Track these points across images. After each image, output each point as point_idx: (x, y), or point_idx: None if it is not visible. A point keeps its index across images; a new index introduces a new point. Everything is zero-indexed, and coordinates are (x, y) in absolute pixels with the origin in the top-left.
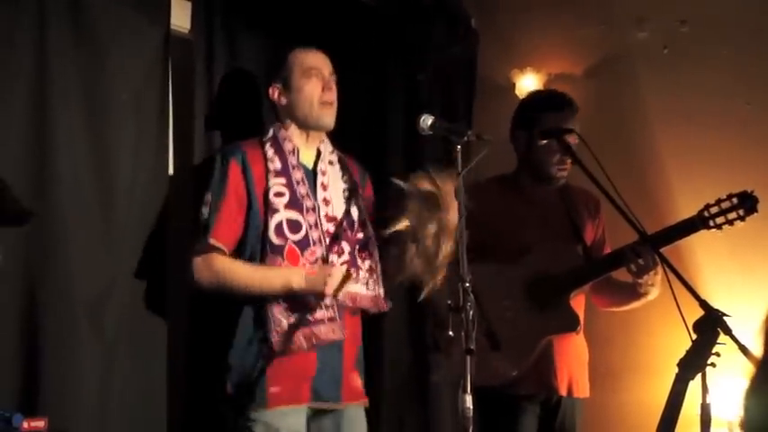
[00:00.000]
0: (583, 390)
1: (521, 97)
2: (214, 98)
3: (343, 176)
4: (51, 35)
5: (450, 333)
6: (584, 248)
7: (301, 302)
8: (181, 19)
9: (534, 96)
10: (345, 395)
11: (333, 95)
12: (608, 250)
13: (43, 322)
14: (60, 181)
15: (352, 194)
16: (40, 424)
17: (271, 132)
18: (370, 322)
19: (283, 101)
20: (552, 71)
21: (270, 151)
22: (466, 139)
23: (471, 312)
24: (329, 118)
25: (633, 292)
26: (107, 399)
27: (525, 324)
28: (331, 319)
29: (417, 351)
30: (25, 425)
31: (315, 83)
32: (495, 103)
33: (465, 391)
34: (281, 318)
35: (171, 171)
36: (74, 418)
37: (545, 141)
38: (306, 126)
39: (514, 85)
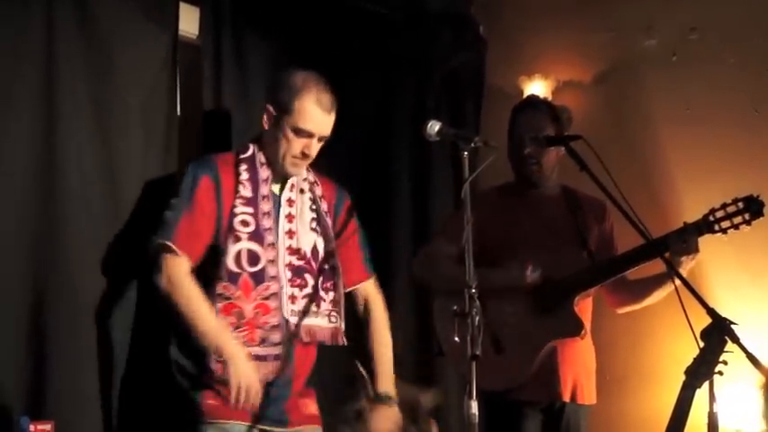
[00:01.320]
0: (588, 396)
1: None
2: (222, 104)
3: (312, 205)
4: (60, 41)
5: (456, 339)
6: (588, 253)
7: (247, 335)
8: (189, 24)
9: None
10: (294, 419)
11: (311, 153)
12: (617, 253)
13: (50, 326)
14: (68, 186)
15: (319, 224)
16: (47, 427)
17: (249, 152)
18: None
19: (267, 127)
20: (560, 78)
21: (244, 174)
22: (473, 145)
23: (477, 318)
24: (297, 170)
25: (657, 282)
26: (112, 403)
27: (529, 329)
28: (277, 357)
29: (423, 354)
30: (32, 428)
31: (299, 143)
32: (503, 110)
33: (470, 397)
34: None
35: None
36: (79, 422)
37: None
38: (273, 164)
39: (522, 92)
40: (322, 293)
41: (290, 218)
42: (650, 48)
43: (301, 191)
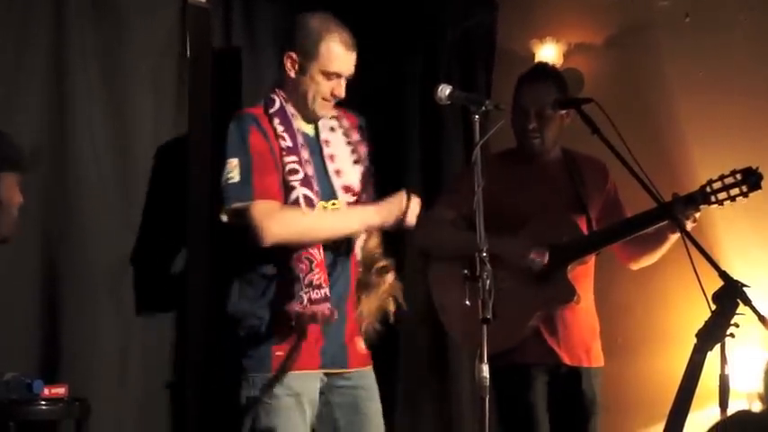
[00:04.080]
0: (595, 359)
1: None
2: (231, 66)
3: (346, 139)
4: (69, 6)
5: (467, 302)
6: (587, 219)
7: (319, 277)
8: None
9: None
10: (352, 360)
11: (340, 94)
12: (627, 212)
13: (63, 292)
14: (80, 153)
15: (357, 155)
16: (61, 390)
17: (277, 104)
18: None
19: (293, 75)
20: (572, 41)
21: (279, 127)
22: (484, 108)
23: (488, 282)
24: (326, 111)
25: (661, 237)
26: (125, 368)
27: (521, 295)
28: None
29: (435, 321)
30: (46, 391)
31: (328, 85)
32: (514, 73)
33: (481, 361)
34: (302, 295)
35: (189, 139)
36: (93, 386)
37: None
38: (302, 110)
39: (534, 55)
40: None
41: (332, 158)
42: (663, 9)
43: (332, 129)
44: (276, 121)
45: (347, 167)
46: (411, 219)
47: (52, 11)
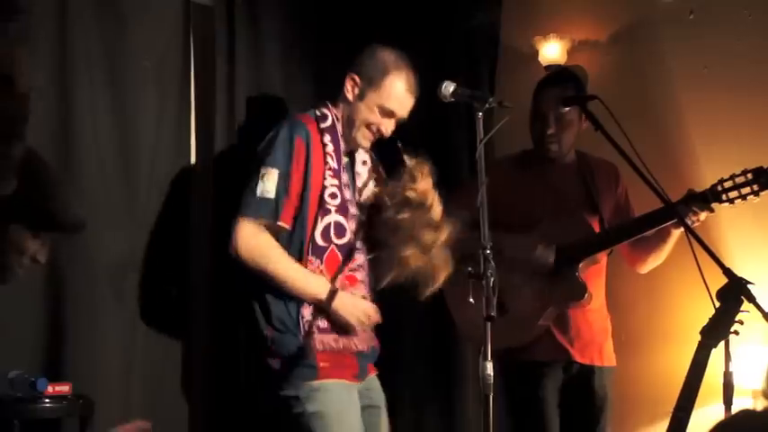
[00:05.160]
0: (607, 358)
1: (544, 64)
2: (235, 66)
3: (373, 174)
4: (72, 4)
5: (471, 300)
6: (600, 219)
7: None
8: None
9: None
10: (369, 368)
11: (387, 133)
12: (633, 215)
13: (67, 290)
14: (83, 151)
15: (380, 185)
16: (65, 388)
17: (329, 121)
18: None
19: (350, 97)
20: (576, 38)
21: (330, 146)
22: (488, 105)
23: (492, 279)
24: (365, 143)
25: (665, 235)
26: (129, 365)
27: (532, 293)
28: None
29: (437, 318)
30: (50, 389)
31: (380, 119)
32: (518, 70)
33: (486, 358)
34: (318, 321)
35: (193, 138)
36: (97, 384)
37: (565, 110)
38: (346, 135)
39: (538, 52)
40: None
41: (360, 192)
42: (667, 6)
43: (363, 162)
44: (327, 137)
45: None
46: (355, 328)
47: (55, 10)
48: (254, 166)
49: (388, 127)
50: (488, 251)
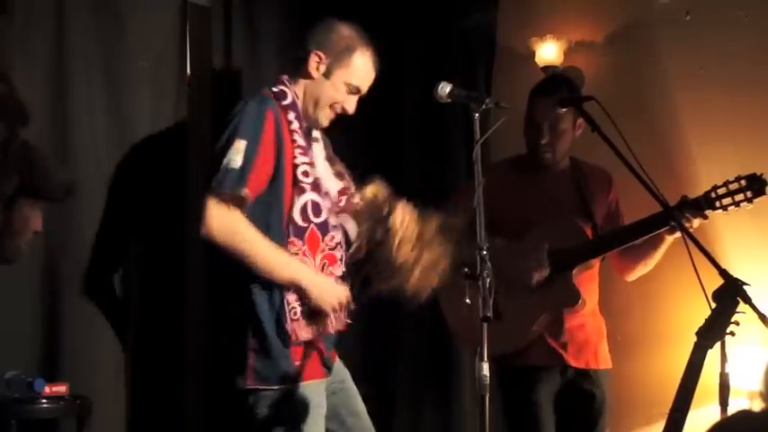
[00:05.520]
0: (603, 361)
1: (541, 65)
2: (231, 66)
3: (325, 153)
4: (69, 3)
5: (467, 300)
6: (593, 225)
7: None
8: None
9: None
10: (335, 360)
11: (351, 110)
12: (623, 223)
13: (63, 291)
14: (79, 148)
15: (332, 164)
16: (62, 389)
17: (290, 98)
18: None
19: (315, 74)
20: (572, 38)
21: (294, 122)
22: (484, 106)
23: (489, 280)
24: (325, 122)
25: (656, 241)
26: (125, 365)
27: (527, 298)
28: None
29: (435, 318)
30: (47, 389)
31: (344, 97)
32: (515, 71)
33: (482, 359)
34: (295, 306)
35: (188, 138)
36: (93, 384)
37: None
38: (308, 113)
39: (534, 53)
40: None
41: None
42: (663, 7)
43: (315, 140)
44: (291, 115)
45: (327, 176)
46: (327, 308)
47: (53, 9)
48: (224, 143)
49: (352, 104)
50: (485, 252)
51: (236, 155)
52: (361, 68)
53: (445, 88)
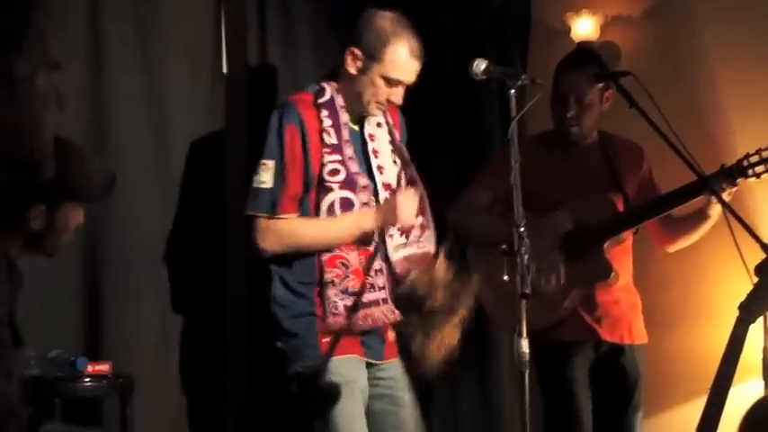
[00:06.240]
0: (638, 336)
1: (576, 41)
2: (267, 40)
3: (389, 137)
4: None
5: (505, 277)
6: (624, 199)
7: (355, 285)
8: None
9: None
10: (387, 352)
11: (399, 101)
12: (660, 193)
13: (105, 271)
14: (117, 131)
15: (398, 154)
16: (105, 367)
17: (328, 94)
18: None
19: (353, 71)
20: (609, 13)
21: (326, 121)
22: (520, 83)
23: (526, 257)
24: (378, 113)
25: (701, 217)
26: (167, 344)
27: (557, 274)
28: (384, 301)
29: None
30: (90, 368)
31: (387, 91)
32: (550, 47)
33: (521, 336)
34: (336, 300)
35: (224, 118)
36: (135, 363)
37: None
38: (353, 107)
39: (570, 28)
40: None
41: (375, 153)
42: None
43: (378, 124)
44: (324, 113)
45: (389, 165)
46: (409, 218)
47: None
48: (256, 159)
49: (397, 96)
50: (522, 229)
51: (266, 174)
52: (398, 61)
53: (480, 65)
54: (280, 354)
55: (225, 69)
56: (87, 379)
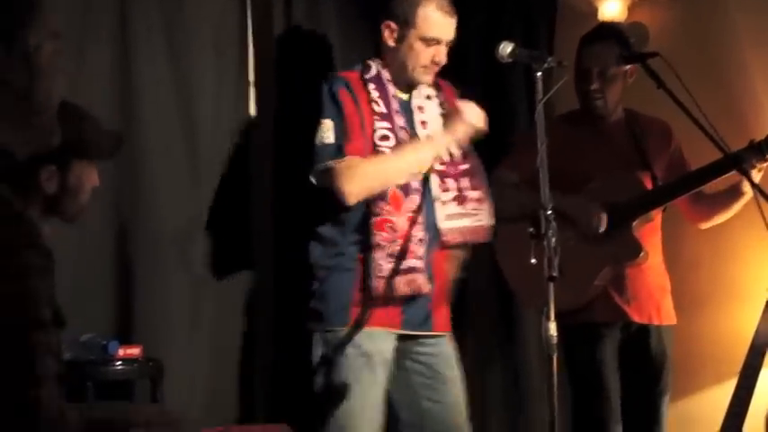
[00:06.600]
0: (666, 317)
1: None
2: (291, 25)
3: (440, 109)
4: None
5: (533, 260)
6: (652, 177)
7: (401, 249)
8: None
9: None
10: (435, 324)
11: (442, 60)
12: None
13: (135, 255)
14: (145, 117)
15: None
16: (135, 351)
17: (374, 70)
18: None
19: (392, 44)
20: None
21: (374, 93)
22: (546, 65)
23: (554, 240)
24: (428, 77)
25: (735, 193)
26: (197, 328)
27: (586, 253)
28: (424, 270)
29: (501, 281)
30: (121, 352)
31: (428, 51)
32: (577, 29)
33: (548, 319)
34: (382, 263)
35: (252, 101)
36: (165, 346)
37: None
38: (401, 77)
39: (597, 10)
40: (466, 193)
41: (423, 124)
42: None
43: (428, 97)
44: (371, 86)
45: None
46: (480, 123)
47: None
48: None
49: (440, 55)
50: (549, 212)
51: (326, 132)
52: (431, 19)
53: (507, 48)
54: (310, 312)
55: (251, 53)
56: (119, 362)
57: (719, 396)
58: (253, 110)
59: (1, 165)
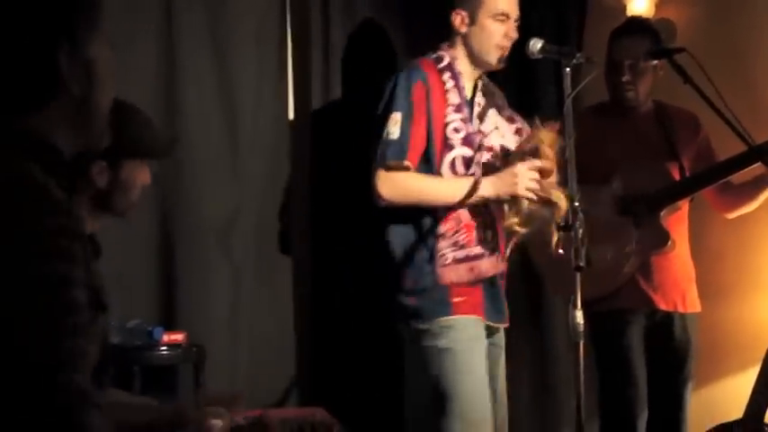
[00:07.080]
0: (691, 305)
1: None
2: (330, 22)
3: (500, 109)
4: None
5: (561, 251)
6: (680, 167)
7: (465, 237)
8: None
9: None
10: (504, 317)
11: (514, 35)
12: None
13: (178, 245)
14: (188, 112)
15: (508, 122)
16: (179, 337)
17: (447, 60)
18: None
19: (464, 30)
20: None
21: (449, 82)
22: (575, 61)
23: (581, 230)
24: (501, 57)
25: (762, 183)
26: (237, 315)
27: (614, 242)
28: (492, 253)
29: (530, 271)
30: (165, 338)
31: (500, 28)
32: (606, 25)
33: (575, 307)
34: (446, 252)
35: (291, 96)
36: (208, 333)
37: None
38: (475, 62)
39: (625, 6)
40: None
41: (480, 118)
42: None
43: (484, 93)
44: (446, 75)
45: (494, 132)
46: (523, 191)
47: None
48: (380, 119)
49: (511, 31)
50: (576, 203)
51: (394, 126)
52: None
53: (536, 44)
54: (400, 309)
55: (290, 52)
56: (163, 348)
57: (743, 383)
58: (291, 107)
59: (50, 159)
